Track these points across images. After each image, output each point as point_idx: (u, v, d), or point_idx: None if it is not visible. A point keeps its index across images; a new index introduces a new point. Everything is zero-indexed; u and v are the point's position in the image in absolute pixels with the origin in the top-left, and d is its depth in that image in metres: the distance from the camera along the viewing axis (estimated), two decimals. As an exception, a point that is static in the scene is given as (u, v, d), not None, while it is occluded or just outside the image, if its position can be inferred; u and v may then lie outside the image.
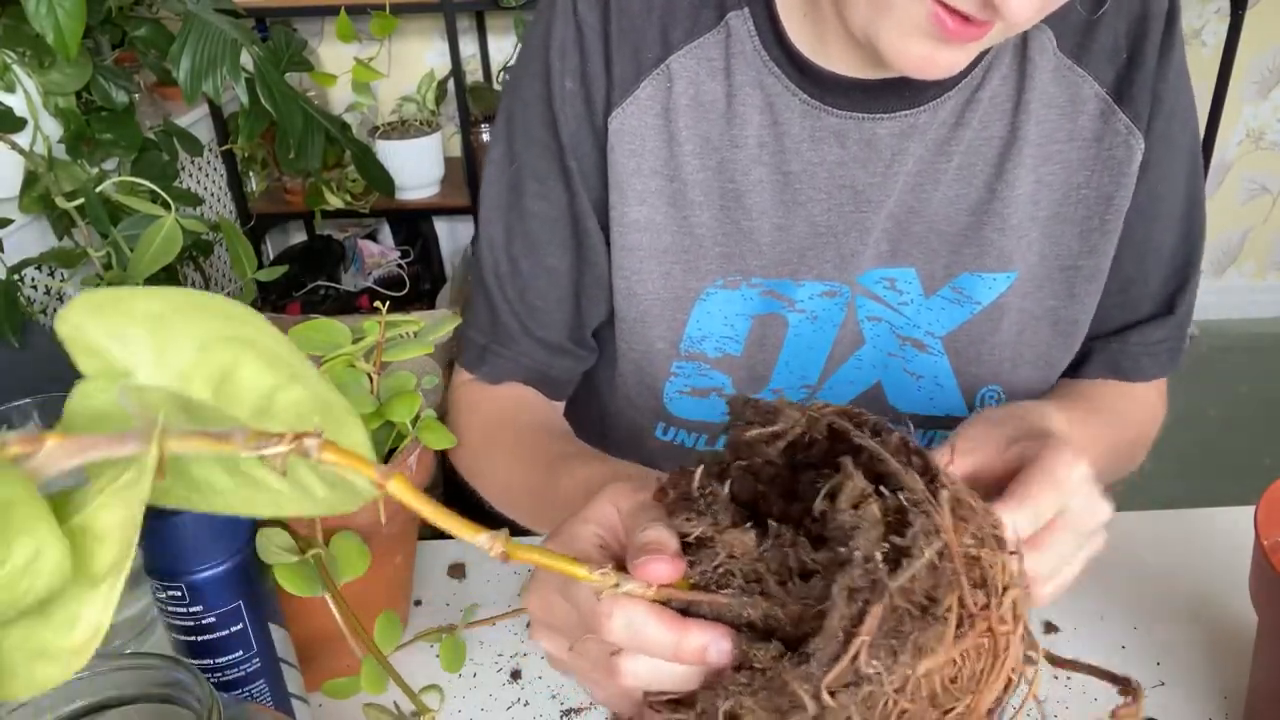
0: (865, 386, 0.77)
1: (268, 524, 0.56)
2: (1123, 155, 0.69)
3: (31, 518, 0.22)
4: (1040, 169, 0.70)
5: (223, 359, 0.29)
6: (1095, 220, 0.70)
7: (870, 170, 0.69)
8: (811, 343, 0.74)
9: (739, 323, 0.74)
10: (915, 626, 0.35)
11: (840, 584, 0.35)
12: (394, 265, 2.56)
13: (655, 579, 0.39)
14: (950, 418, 0.77)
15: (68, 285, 1.49)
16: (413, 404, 0.63)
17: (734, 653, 0.38)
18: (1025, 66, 0.68)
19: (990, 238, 0.70)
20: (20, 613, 0.23)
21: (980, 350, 0.74)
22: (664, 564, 0.39)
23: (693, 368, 0.75)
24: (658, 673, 0.40)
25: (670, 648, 0.39)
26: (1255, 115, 2.69)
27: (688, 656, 0.39)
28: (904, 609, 0.35)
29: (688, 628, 0.39)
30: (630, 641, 0.39)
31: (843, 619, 0.35)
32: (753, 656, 0.37)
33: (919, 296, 0.73)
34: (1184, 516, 0.78)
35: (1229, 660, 0.65)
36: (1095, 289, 0.73)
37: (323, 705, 0.63)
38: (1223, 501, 0.79)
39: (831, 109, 0.68)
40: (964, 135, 0.68)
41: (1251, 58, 2.58)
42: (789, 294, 0.73)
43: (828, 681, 0.34)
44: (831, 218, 0.70)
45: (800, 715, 0.34)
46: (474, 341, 0.78)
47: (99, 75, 1.40)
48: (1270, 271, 2.89)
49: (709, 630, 0.39)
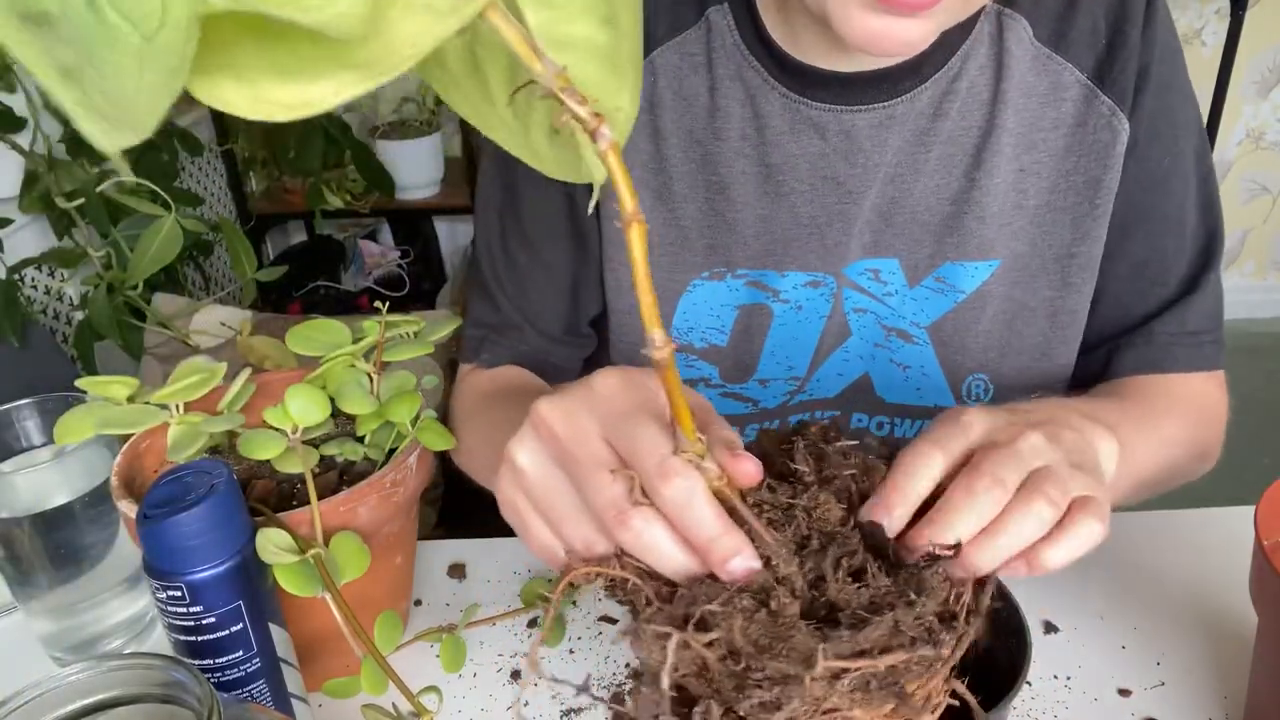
0: (853, 378, 0.78)
1: (267, 524, 0.56)
2: (1107, 138, 0.69)
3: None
4: (1023, 157, 0.70)
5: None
6: (1086, 205, 0.71)
7: (851, 162, 0.69)
8: (796, 333, 0.75)
9: (725, 314, 0.74)
10: (898, 687, 0.35)
11: (897, 615, 0.36)
12: (394, 265, 2.56)
13: (740, 474, 0.39)
14: (938, 408, 0.77)
15: (68, 285, 1.49)
16: (413, 404, 0.63)
17: (753, 576, 0.38)
18: (1002, 57, 0.68)
19: (971, 227, 0.71)
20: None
21: (965, 339, 0.74)
22: (754, 465, 0.39)
23: (680, 358, 0.76)
24: (659, 546, 0.39)
25: (708, 534, 0.38)
26: (1255, 115, 2.69)
27: (716, 554, 0.38)
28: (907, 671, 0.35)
29: (732, 530, 0.39)
30: (677, 508, 0.39)
31: (877, 639, 0.35)
32: (774, 595, 0.37)
33: (903, 287, 0.73)
34: (1184, 516, 0.78)
35: (1229, 660, 0.65)
36: (1090, 277, 0.73)
37: (323, 705, 0.63)
38: (1223, 501, 0.78)
39: (810, 101, 0.68)
40: (943, 126, 0.69)
41: (1251, 58, 2.58)
42: (773, 284, 0.73)
43: (828, 665, 0.34)
44: (814, 209, 0.71)
45: (789, 664, 0.35)
46: (473, 335, 0.79)
47: None
48: (1270, 271, 2.89)
49: (748, 546, 0.39)
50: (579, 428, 0.42)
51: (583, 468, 0.42)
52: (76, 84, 0.22)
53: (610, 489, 0.40)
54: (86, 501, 0.65)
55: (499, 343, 0.78)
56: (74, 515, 0.64)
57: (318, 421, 0.61)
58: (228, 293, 2.05)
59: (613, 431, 0.41)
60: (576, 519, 0.42)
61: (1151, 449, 0.66)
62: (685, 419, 0.37)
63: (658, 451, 0.39)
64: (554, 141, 0.31)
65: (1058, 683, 0.63)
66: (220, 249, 2.05)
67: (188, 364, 0.63)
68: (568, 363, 0.80)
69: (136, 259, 0.96)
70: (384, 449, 0.65)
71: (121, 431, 0.61)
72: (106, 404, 0.61)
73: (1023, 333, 0.74)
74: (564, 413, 0.43)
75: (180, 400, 0.62)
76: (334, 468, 0.66)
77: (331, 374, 0.65)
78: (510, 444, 0.45)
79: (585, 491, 0.42)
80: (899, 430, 0.80)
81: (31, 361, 1.19)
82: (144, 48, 0.22)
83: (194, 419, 0.62)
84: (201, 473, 0.54)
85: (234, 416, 0.63)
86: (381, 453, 0.65)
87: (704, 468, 0.39)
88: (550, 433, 0.43)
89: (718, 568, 0.39)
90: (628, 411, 0.41)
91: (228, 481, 0.53)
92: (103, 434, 0.62)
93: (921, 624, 0.37)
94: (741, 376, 0.77)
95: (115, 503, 0.60)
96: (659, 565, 0.40)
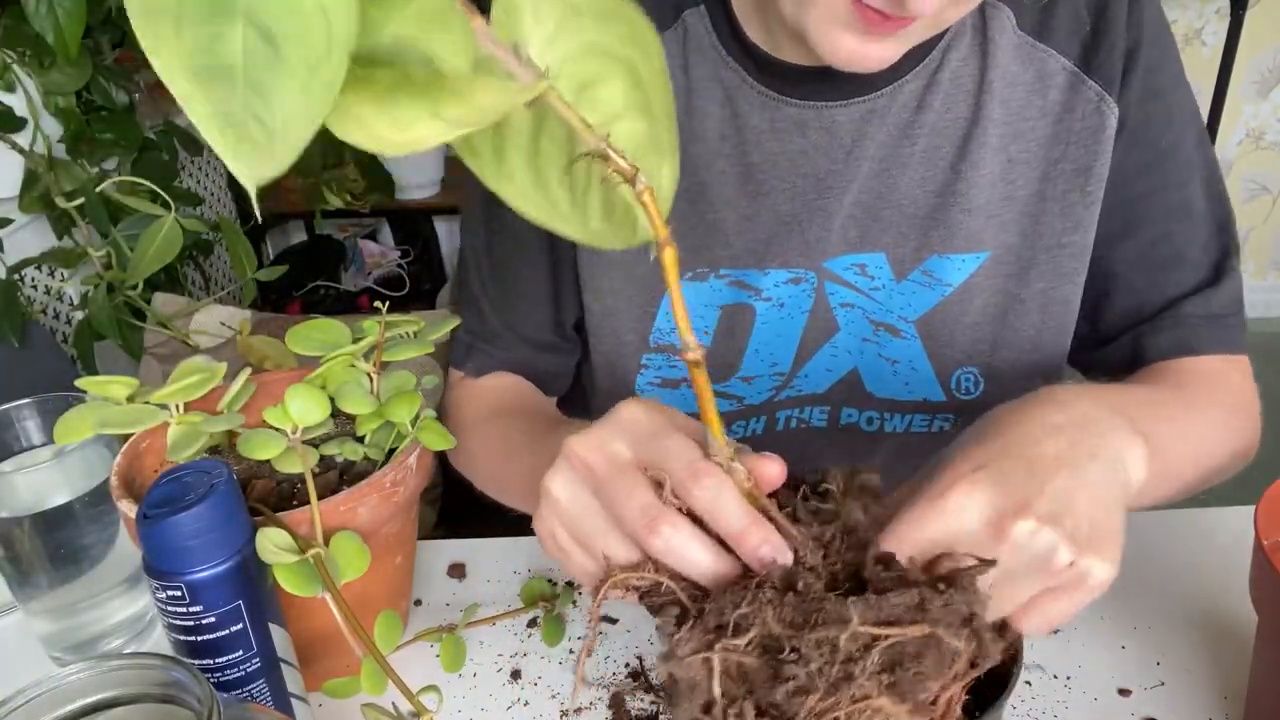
0: (842, 373, 0.78)
1: (267, 524, 0.56)
2: (1095, 123, 0.69)
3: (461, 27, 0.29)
4: (1010, 147, 0.70)
5: (596, 69, 0.34)
6: (1077, 194, 0.70)
7: (832, 157, 0.69)
8: (780, 330, 0.75)
9: (708, 314, 0.75)
10: (921, 674, 0.36)
11: (922, 592, 0.37)
12: (394, 265, 2.56)
13: (766, 474, 0.41)
14: (928, 402, 0.77)
15: (68, 285, 1.49)
16: (413, 404, 0.63)
17: (783, 566, 0.40)
18: (986, 46, 0.68)
19: (958, 219, 0.71)
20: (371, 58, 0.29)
21: (953, 332, 0.74)
22: (778, 466, 0.41)
23: (662, 359, 0.76)
24: (689, 549, 0.41)
25: (739, 526, 0.40)
26: (1255, 115, 2.69)
27: (748, 543, 0.40)
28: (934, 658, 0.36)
29: (762, 521, 0.40)
30: (708, 505, 0.40)
31: (901, 609, 0.37)
32: (799, 577, 0.39)
33: (890, 281, 0.73)
34: (1184, 516, 0.78)
35: (1229, 660, 0.65)
36: (1082, 266, 0.72)
37: (323, 705, 0.63)
38: (1223, 501, 0.78)
39: (790, 99, 0.68)
40: (927, 118, 0.69)
41: (1251, 58, 2.58)
42: (755, 283, 0.73)
43: (859, 630, 0.35)
44: (795, 206, 0.71)
45: (825, 630, 0.36)
46: (461, 340, 0.80)
47: (99, 75, 1.40)
48: (1270, 271, 2.89)
49: (776, 536, 0.40)
50: (610, 453, 0.44)
51: (614, 486, 0.43)
52: (234, 128, 0.28)
53: (640, 497, 0.42)
54: (86, 501, 0.65)
55: (486, 350, 0.78)
56: (74, 515, 0.64)
57: (318, 421, 0.61)
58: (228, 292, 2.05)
59: (643, 450, 0.43)
60: (609, 533, 0.44)
61: (1191, 447, 0.64)
62: (715, 422, 0.40)
63: (686, 456, 0.42)
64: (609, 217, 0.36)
65: (1058, 683, 0.63)
66: (220, 249, 2.04)
67: (188, 364, 0.63)
68: (555, 368, 0.80)
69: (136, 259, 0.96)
70: (384, 449, 0.65)
71: (121, 431, 0.61)
72: (106, 404, 0.61)
73: (1015, 325, 0.74)
74: (595, 442, 0.45)
75: (180, 400, 0.62)
76: (334, 468, 0.66)
77: (331, 374, 0.65)
78: (545, 479, 0.47)
79: (616, 507, 0.43)
80: (889, 424, 0.80)
81: (31, 361, 1.19)
82: (308, 78, 0.27)
83: (194, 419, 0.62)
84: (201, 473, 0.54)
85: (234, 416, 0.63)
86: (381, 453, 0.65)
87: (733, 469, 0.41)
88: (583, 463, 0.45)
89: (750, 556, 0.40)
90: (655, 431, 0.44)
91: (228, 481, 0.53)
92: (103, 434, 0.62)
93: (949, 608, 0.37)
94: (725, 375, 0.77)
95: (115, 503, 0.60)
96: (689, 569, 0.41)
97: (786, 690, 0.35)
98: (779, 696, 0.35)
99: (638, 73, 0.34)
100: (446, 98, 0.29)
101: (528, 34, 0.33)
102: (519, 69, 0.31)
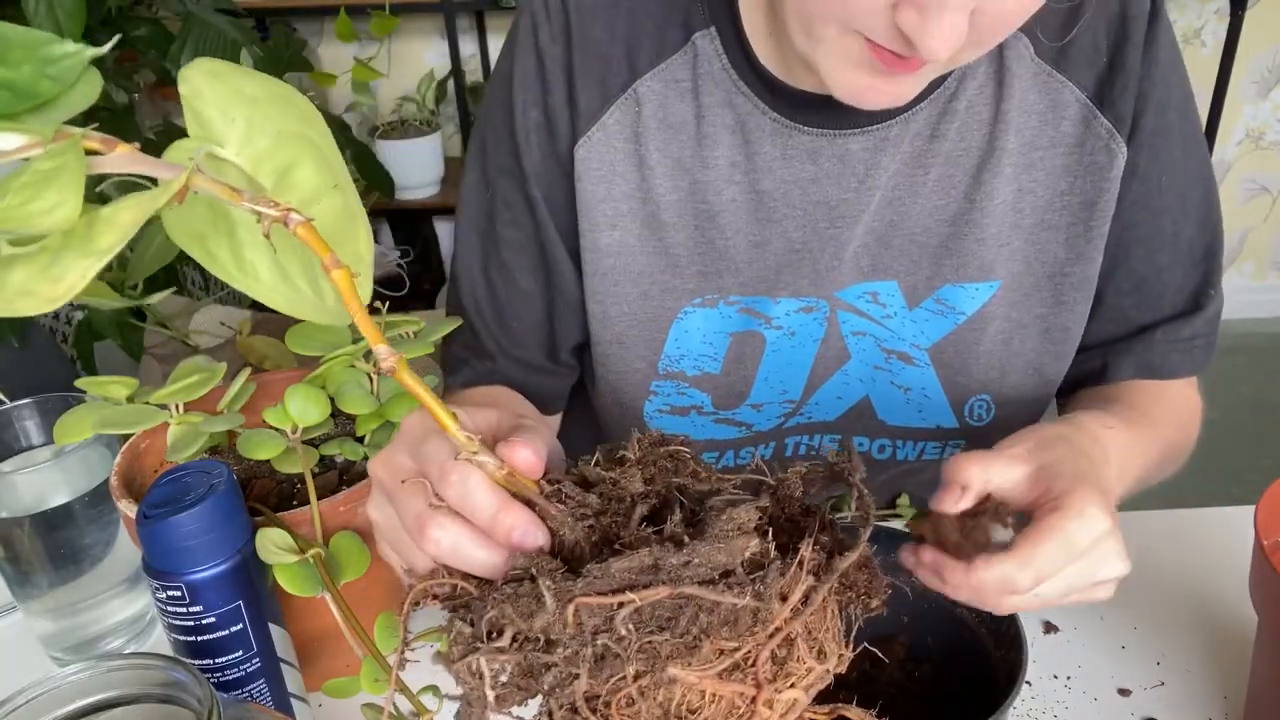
0: (854, 401, 0.77)
1: (267, 524, 0.56)
2: (1104, 160, 0.68)
3: (71, 183, 0.29)
4: (1022, 177, 0.69)
5: (290, 154, 0.35)
6: (1080, 226, 0.70)
7: (844, 186, 0.68)
8: (790, 358, 0.74)
9: (718, 341, 0.74)
10: (690, 636, 0.34)
11: (654, 551, 0.36)
12: (394, 265, 2.56)
13: (517, 461, 0.41)
14: (940, 429, 0.77)
15: (67, 285, 1.49)
16: (412, 404, 0.63)
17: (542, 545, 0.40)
18: (1002, 75, 0.67)
19: (971, 248, 0.70)
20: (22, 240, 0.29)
21: (966, 360, 0.74)
22: (529, 450, 0.41)
23: (671, 386, 0.75)
24: (459, 548, 0.41)
25: (489, 517, 0.40)
26: (1255, 115, 2.69)
27: (500, 532, 0.40)
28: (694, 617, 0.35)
29: (510, 505, 0.40)
30: (459, 501, 0.41)
31: (629, 572, 0.35)
32: (535, 566, 0.38)
33: (902, 309, 0.73)
34: (1184, 516, 0.78)
35: (1229, 660, 0.65)
36: (1084, 296, 0.72)
37: (323, 705, 0.63)
38: (1223, 501, 0.79)
39: (803, 127, 0.67)
40: (941, 147, 0.68)
41: (1251, 58, 2.58)
42: (766, 311, 0.73)
43: (580, 602, 0.34)
44: (806, 234, 0.70)
45: (541, 617, 0.35)
46: (456, 355, 0.79)
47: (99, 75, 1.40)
48: (1270, 271, 2.89)
49: (527, 516, 0.40)
50: (395, 466, 0.45)
51: (397, 498, 0.44)
52: None
53: (415, 505, 0.43)
54: (86, 501, 0.65)
55: (478, 368, 0.77)
56: (74, 515, 0.64)
57: (317, 421, 0.61)
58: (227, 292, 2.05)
59: (415, 457, 0.44)
60: (405, 544, 0.45)
61: (1146, 461, 0.67)
62: (443, 421, 0.39)
63: (438, 457, 0.42)
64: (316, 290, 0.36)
65: (1058, 683, 0.63)
66: (220, 249, 2.04)
67: (187, 364, 0.63)
68: (548, 391, 0.79)
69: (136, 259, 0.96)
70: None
71: (121, 431, 0.61)
72: (106, 404, 0.61)
73: (1018, 350, 0.74)
74: (385, 457, 0.46)
75: (180, 400, 0.62)
76: (334, 468, 0.66)
77: (331, 374, 0.65)
78: (369, 499, 0.48)
79: (401, 518, 0.44)
80: (900, 453, 0.79)
81: (31, 361, 1.19)
82: None
83: (194, 419, 0.62)
84: (201, 473, 0.54)
85: (234, 416, 0.63)
86: (381, 453, 0.65)
87: (481, 462, 0.41)
88: (379, 480, 0.46)
89: (504, 543, 0.40)
90: (422, 436, 0.44)
91: (227, 481, 0.53)
92: (102, 434, 0.62)
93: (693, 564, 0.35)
94: (734, 402, 0.76)
95: (115, 503, 0.60)
96: (469, 567, 0.41)
97: (551, 680, 0.35)
98: (546, 685, 0.35)
99: (320, 150, 0.35)
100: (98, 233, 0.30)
101: (223, 136, 0.34)
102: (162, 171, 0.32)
